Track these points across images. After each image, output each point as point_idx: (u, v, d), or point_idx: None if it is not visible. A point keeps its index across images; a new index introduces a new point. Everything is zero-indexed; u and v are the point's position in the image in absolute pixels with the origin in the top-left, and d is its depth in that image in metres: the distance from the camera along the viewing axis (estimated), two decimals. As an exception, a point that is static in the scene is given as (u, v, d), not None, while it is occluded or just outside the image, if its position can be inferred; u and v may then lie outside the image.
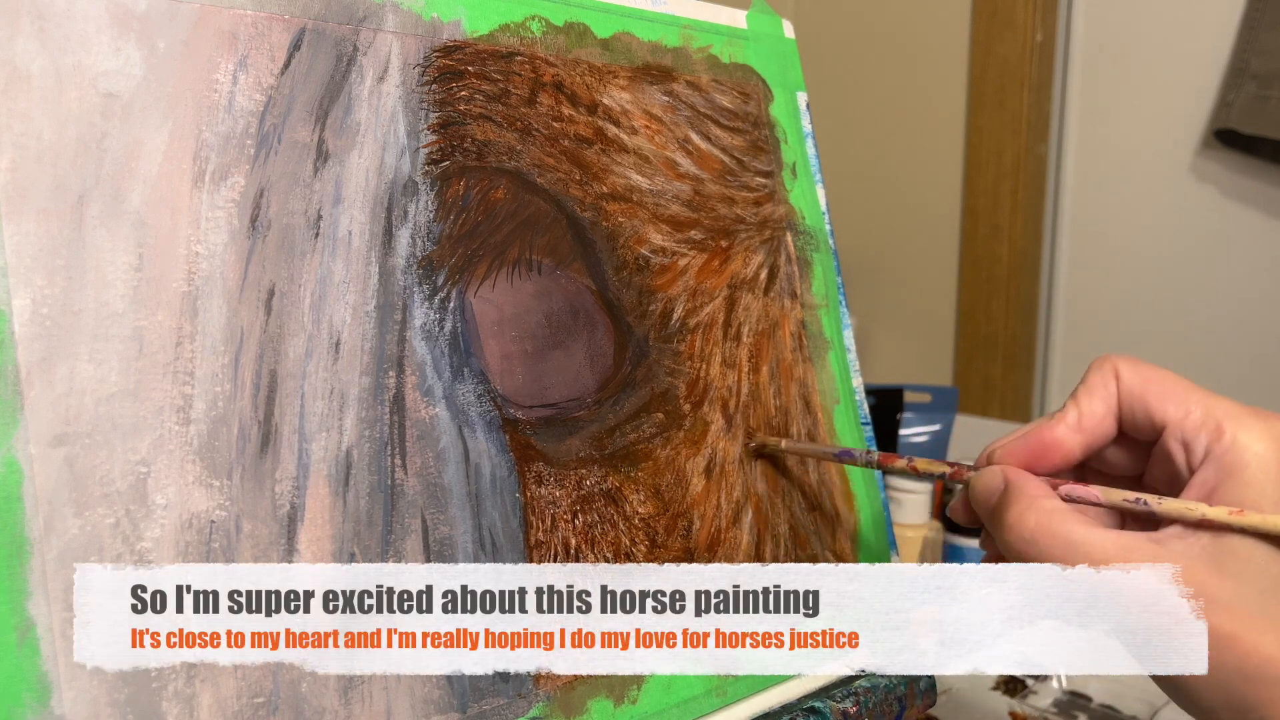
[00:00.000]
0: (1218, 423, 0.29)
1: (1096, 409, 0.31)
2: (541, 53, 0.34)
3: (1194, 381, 0.31)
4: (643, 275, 0.35)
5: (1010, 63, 1.08)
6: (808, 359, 0.40)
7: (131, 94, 0.25)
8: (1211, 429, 0.29)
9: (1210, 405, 0.29)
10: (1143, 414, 0.31)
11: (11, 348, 0.23)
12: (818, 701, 0.35)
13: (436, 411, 0.30)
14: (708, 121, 0.39)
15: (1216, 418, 0.29)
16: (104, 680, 0.23)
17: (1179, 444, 0.30)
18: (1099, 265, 1.08)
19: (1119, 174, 1.05)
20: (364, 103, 0.29)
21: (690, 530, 0.35)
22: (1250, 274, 0.98)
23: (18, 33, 0.24)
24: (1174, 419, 0.30)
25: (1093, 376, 0.32)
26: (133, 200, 0.25)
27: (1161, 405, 0.30)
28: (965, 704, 0.54)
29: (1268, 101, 0.91)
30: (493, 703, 0.29)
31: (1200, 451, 0.29)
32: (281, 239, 0.27)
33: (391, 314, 0.29)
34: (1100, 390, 0.31)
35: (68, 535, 0.23)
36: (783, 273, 0.40)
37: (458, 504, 0.30)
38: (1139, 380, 0.31)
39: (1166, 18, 1.00)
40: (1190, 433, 0.29)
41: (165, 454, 0.25)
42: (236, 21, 0.27)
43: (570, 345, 0.33)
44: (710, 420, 0.36)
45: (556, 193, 0.33)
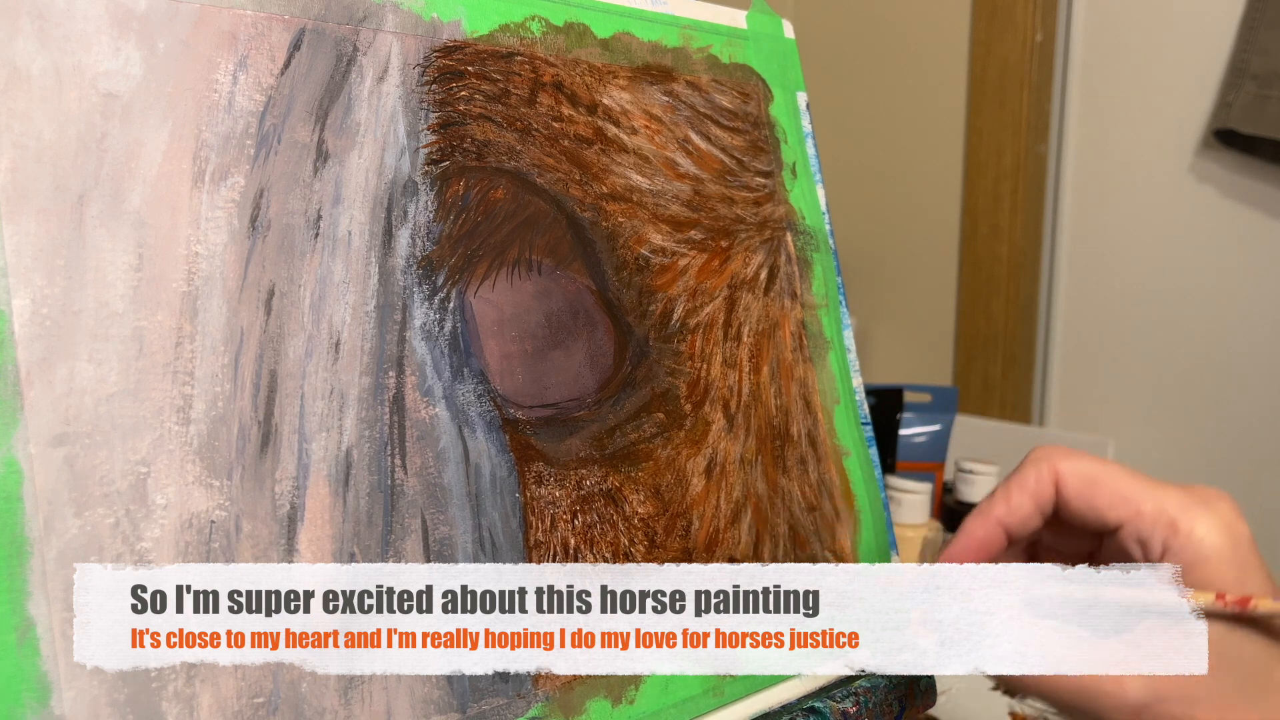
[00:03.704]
0: (1170, 518, 0.30)
1: (1024, 505, 0.32)
2: (541, 53, 0.34)
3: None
4: (643, 275, 0.35)
5: (1010, 63, 1.08)
6: (808, 359, 0.40)
7: (131, 94, 0.25)
8: (1165, 525, 0.30)
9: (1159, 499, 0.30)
10: (1092, 514, 0.31)
11: (11, 348, 0.23)
12: (817, 701, 0.35)
13: (436, 411, 0.30)
14: (708, 121, 0.39)
15: (1168, 513, 0.30)
16: (104, 680, 0.23)
17: (1134, 542, 0.30)
18: (1099, 265, 1.08)
19: (1119, 174, 1.05)
20: (364, 103, 0.29)
21: (690, 530, 0.35)
22: (1250, 274, 0.98)
23: (18, 33, 0.24)
24: (1126, 518, 0.30)
25: (1027, 471, 0.32)
26: (133, 200, 0.25)
27: (1111, 505, 0.31)
28: (965, 704, 0.54)
29: (1268, 101, 0.91)
30: (492, 703, 0.29)
31: (1158, 549, 0.30)
32: (281, 239, 0.27)
33: (391, 314, 0.29)
34: (1032, 487, 0.32)
35: (68, 535, 0.23)
36: (783, 273, 0.40)
37: (458, 504, 0.30)
38: (1082, 481, 0.31)
39: (1166, 18, 1.00)
40: (1145, 531, 0.30)
41: (165, 454, 0.25)
42: (236, 21, 0.27)
43: (570, 345, 0.33)
44: (711, 420, 0.36)
45: (556, 193, 0.33)
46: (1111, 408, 1.08)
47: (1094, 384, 1.10)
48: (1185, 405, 1.03)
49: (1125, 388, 1.07)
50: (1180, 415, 1.03)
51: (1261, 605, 0.27)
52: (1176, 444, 1.03)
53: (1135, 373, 1.06)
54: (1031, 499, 0.32)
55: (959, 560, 0.33)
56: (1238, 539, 0.29)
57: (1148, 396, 1.05)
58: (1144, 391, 1.06)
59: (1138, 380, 1.06)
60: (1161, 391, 1.04)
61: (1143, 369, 1.06)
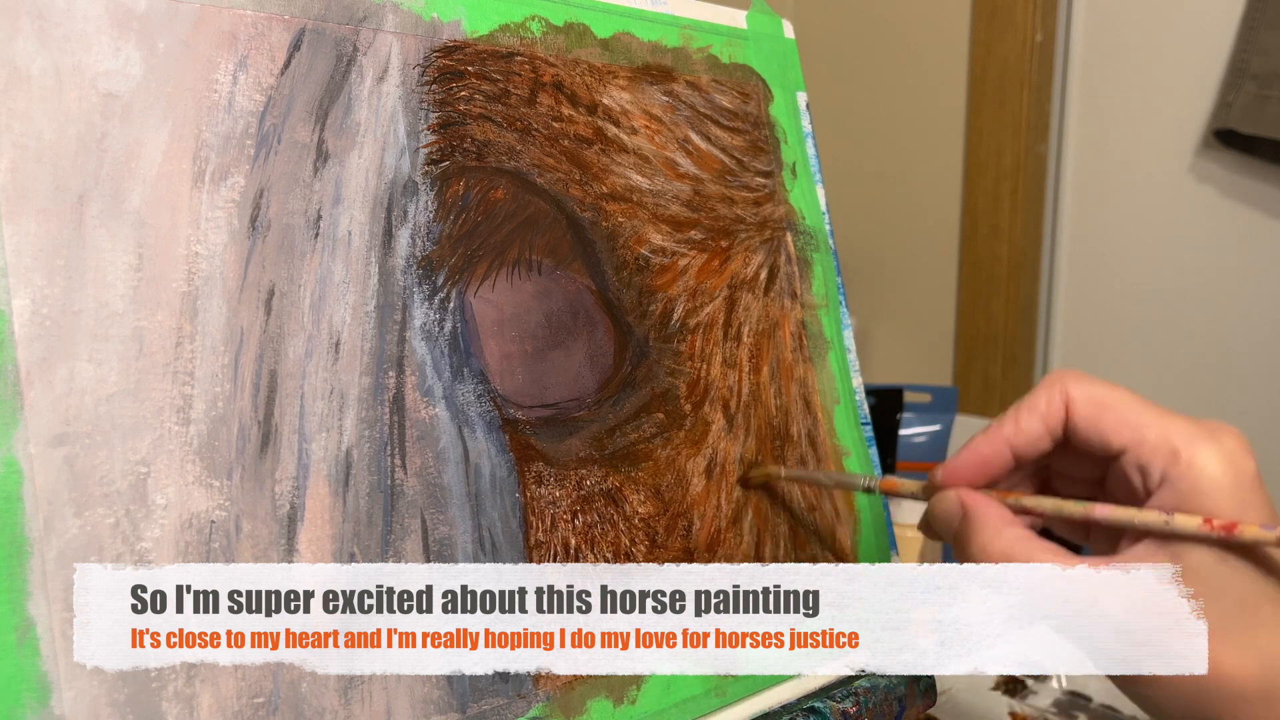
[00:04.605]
0: (1172, 447, 0.29)
1: (1033, 428, 0.32)
2: (541, 53, 0.34)
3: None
4: (643, 275, 0.35)
5: (1010, 63, 1.08)
6: (808, 359, 0.40)
7: (131, 94, 0.25)
8: (1166, 453, 0.29)
9: (1164, 427, 0.30)
10: (1097, 439, 0.31)
11: (11, 348, 0.23)
12: (818, 701, 0.35)
13: (436, 411, 0.30)
14: (708, 121, 0.39)
15: (1171, 442, 0.29)
16: (104, 680, 0.23)
17: (1135, 469, 0.30)
18: (1099, 265, 1.08)
19: (1119, 174, 1.05)
20: (364, 103, 0.29)
21: (690, 530, 0.35)
22: (1250, 274, 0.98)
23: (18, 33, 0.24)
24: (1129, 444, 0.30)
25: (1038, 394, 0.32)
26: (133, 200, 0.25)
27: (1116, 430, 0.30)
28: (965, 704, 0.54)
29: (1268, 101, 0.91)
30: (492, 703, 0.29)
31: (1156, 476, 0.29)
32: (281, 239, 0.27)
33: (391, 314, 0.29)
34: (1041, 409, 0.32)
35: (68, 535, 0.23)
36: (783, 273, 0.40)
37: (457, 504, 0.30)
38: (1091, 405, 0.31)
39: (1166, 18, 1.00)
40: (1145, 458, 0.30)
41: (165, 454, 0.25)
42: (236, 21, 0.27)
43: (570, 345, 0.33)
44: (711, 420, 0.36)
45: (556, 193, 0.33)
46: (1111, 408, 1.08)
47: (1094, 384, 1.10)
48: (1185, 405, 1.02)
49: (1125, 387, 1.07)
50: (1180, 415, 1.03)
51: (1247, 531, 0.27)
52: (1176, 444, 1.03)
53: (1135, 373, 1.06)
54: (1041, 421, 0.31)
55: (959, 472, 0.32)
56: (1241, 473, 0.28)
57: (1147, 396, 1.05)
58: (1144, 391, 1.05)
59: (1138, 380, 1.06)
60: (1161, 392, 1.04)
61: (1143, 369, 1.06)
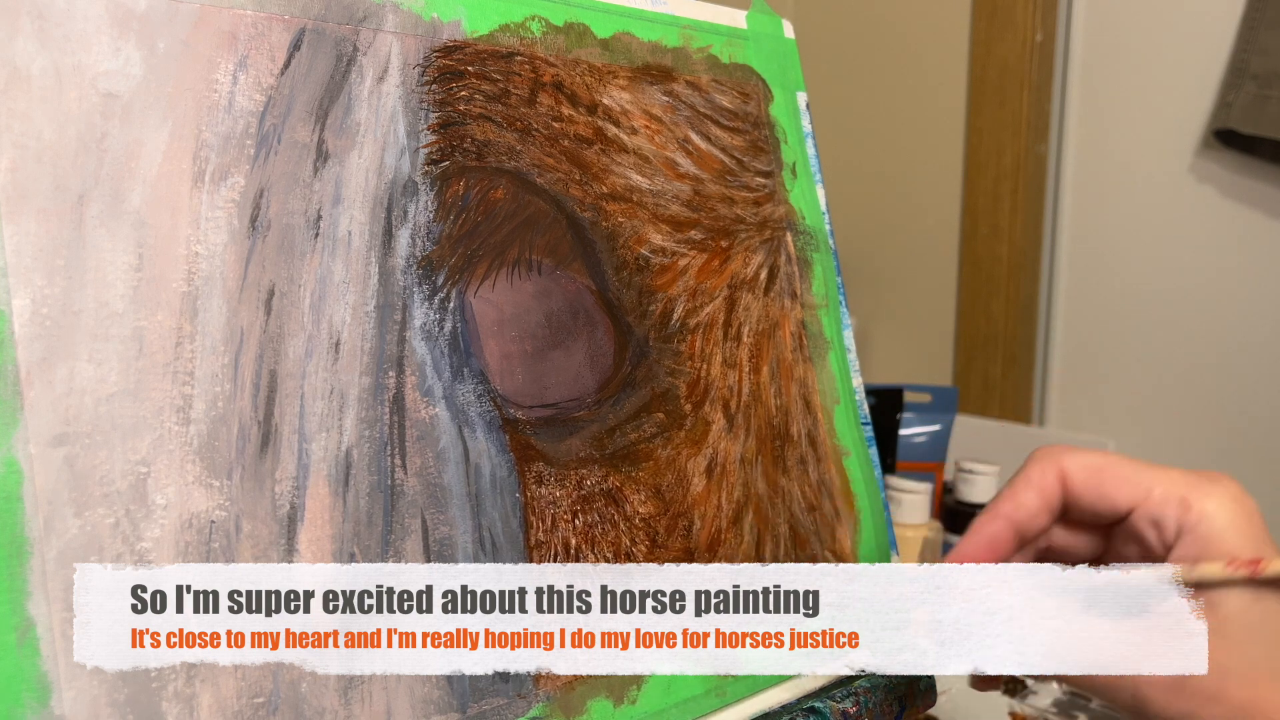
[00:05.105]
0: (1180, 496, 0.30)
1: (1031, 501, 0.32)
2: (541, 53, 0.34)
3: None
4: (643, 275, 0.35)
5: (1010, 63, 1.08)
6: (808, 359, 0.40)
7: (131, 94, 0.25)
8: (1177, 503, 0.30)
9: (1167, 481, 0.30)
10: (1103, 502, 0.31)
11: (11, 348, 0.23)
12: (818, 701, 0.35)
13: (436, 411, 0.30)
14: (708, 121, 0.39)
15: (1179, 492, 0.30)
16: (104, 680, 0.23)
17: (1148, 524, 0.30)
18: (1099, 265, 1.08)
19: (1119, 174, 1.05)
20: (364, 103, 0.29)
21: (691, 530, 0.35)
22: (1250, 274, 0.98)
23: (18, 33, 0.24)
24: (1137, 500, 0.31)
25: (1030, 469, 0.32)
26: (133, 200, 0.25)
27: (1120, 489, 0.31)
28: (965, 704, 0.54)
29: (1268, 101, 0.91)
30: (493, 703, 0.29)
31: (1173, 528, 0.30)
32: (281, 239, 0.27)
33: (391, 314, 0.29)
34: (1037, 482, 0.32)
35: (68, 535, 0.23)
36: (783, 273, 0.40)
37: (458, 504, 0.30)
38: (1088, 471, 0.32)
39: (1166, 18, 1.00)
40: (1157, 511, 0.30)
41: (165, 454, 0.25)
42: (236, 21, 0.27)
43: (570, 345, 0.33)
44: (711, 420, 0.36)
45: (556, 193, 0.33)
46: (1111, 408, 1.08)
47: (1094, 384, 1.10)
48: (1185, 405, 1.03)
49: (1125, 388, 1.07)
50: (1180, 415, 1.03)
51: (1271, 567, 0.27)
52: (1176, 444, 1.03)
53: (1135, 372, 1.06)
54: (1037, 494, 0.32)
55: (968, 559, 0.32)
56: (1250, 512, 0.29)
57: (1147, 396, 1.05)
58: (1144, 391, 1.06)
59: (1138, 380, 1.06)
60: (1161, 392, 1.04)
61: (1143, 369, 1.06)
